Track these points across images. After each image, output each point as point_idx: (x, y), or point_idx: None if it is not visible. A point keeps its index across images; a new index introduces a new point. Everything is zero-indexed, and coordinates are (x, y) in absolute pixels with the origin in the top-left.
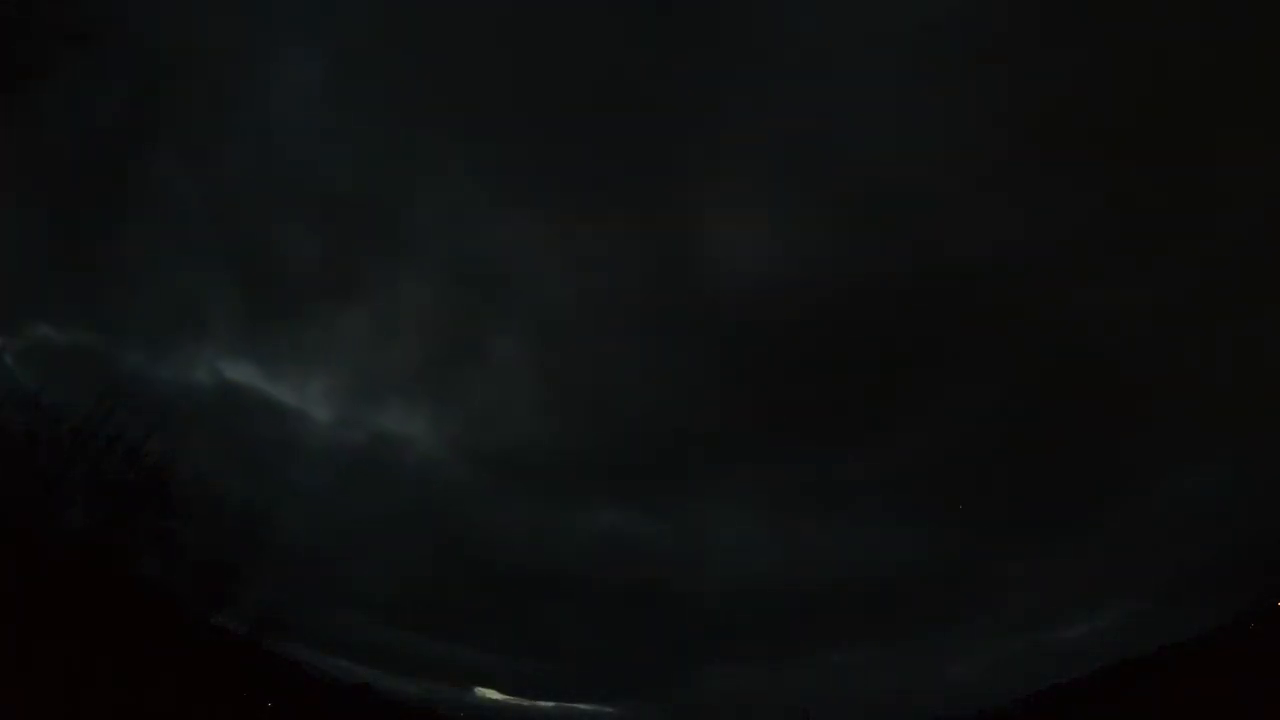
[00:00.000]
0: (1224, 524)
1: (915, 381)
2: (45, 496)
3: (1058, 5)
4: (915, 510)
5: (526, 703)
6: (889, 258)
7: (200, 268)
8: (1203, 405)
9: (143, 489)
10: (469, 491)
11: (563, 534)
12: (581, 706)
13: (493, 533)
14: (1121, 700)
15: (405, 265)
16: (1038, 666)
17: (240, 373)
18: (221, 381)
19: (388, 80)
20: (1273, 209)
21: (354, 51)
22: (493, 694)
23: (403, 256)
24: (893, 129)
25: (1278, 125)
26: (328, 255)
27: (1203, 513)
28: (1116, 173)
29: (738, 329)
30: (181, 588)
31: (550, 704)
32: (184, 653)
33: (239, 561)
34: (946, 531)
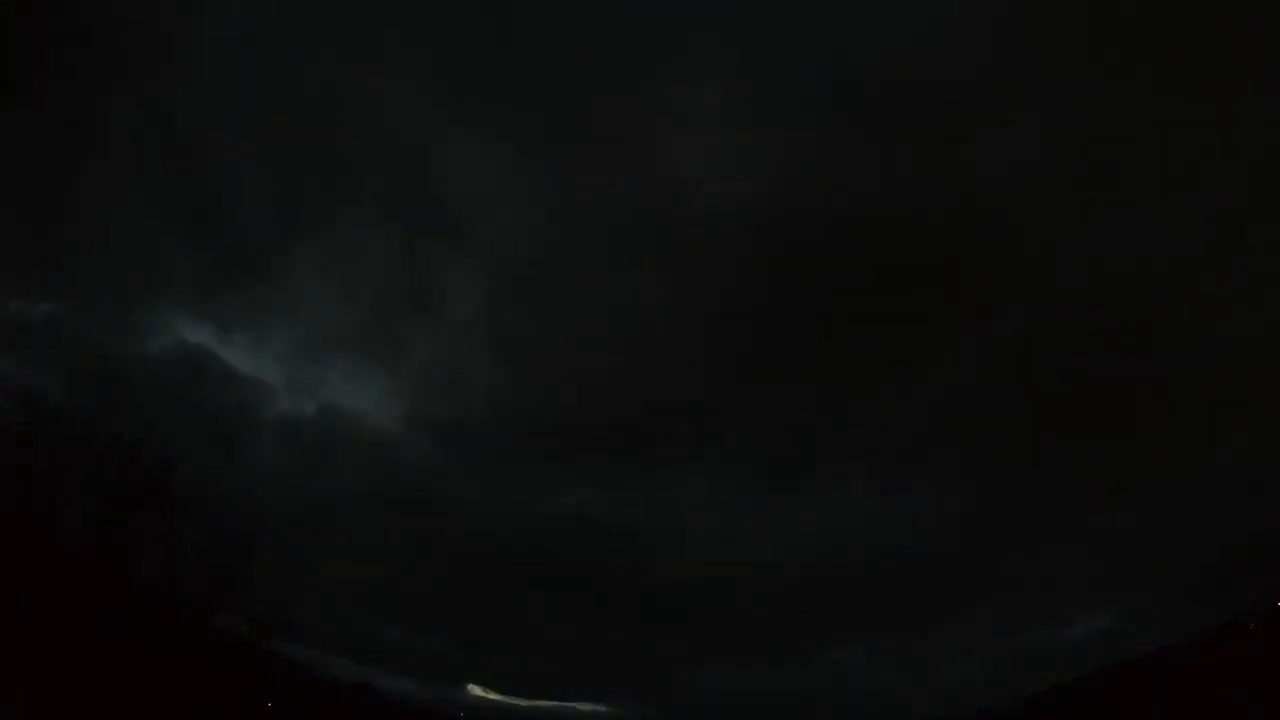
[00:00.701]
0: (1224, 524)
1: (909, 337)
2: (45, 496)
3: None
4: (906, 496)
5: (525, 703)
6: (884, 173)
7: (154, 219)
8: (1203, 406)
9: (143, 489)
10: (429, 469)
11: (532, 516)
12: (580, 706)
13: (460, 515)
14: (1121, 700)
15: (356, 203)
16: (1038, 666)
17: (199, 337)
18: (180, 349)
19: (334, 8)
20: None
21: None
22: (492, 695)
23: (354, 191)
24: (888, 17)
25: None
26: (277, 194)
27: (1203, 512)
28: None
29: (714, 266)
30: (181, 588)
31: (549, 703)
32: (184, 653)
33: (238, 561)
34: (942, 522)
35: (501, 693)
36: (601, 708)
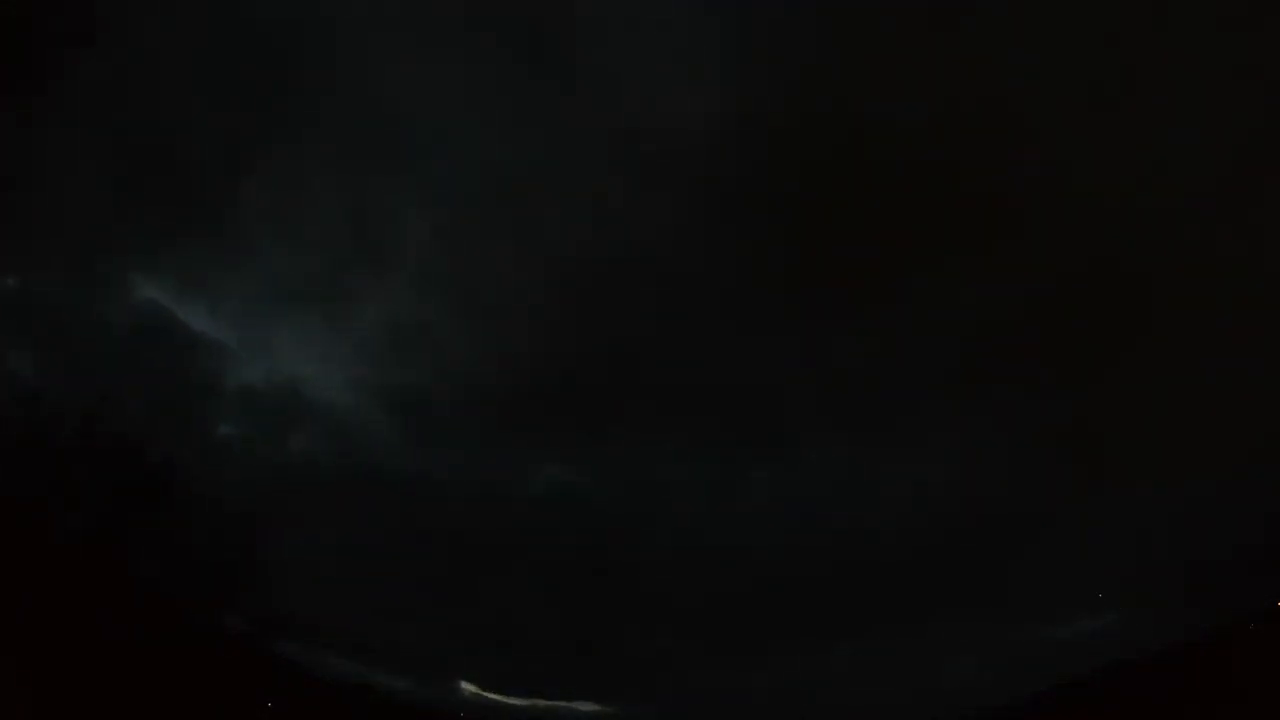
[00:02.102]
0: (1224, 523)
1: (904, 280)
2: (45, 496)
3: None
4: (897, 471)
5: (524, 702)
6: (872, 75)
7: (104, 173)
8: (1201, 403)
9: (143, 489)
10: (389, 443)
11: (504, 498)
12: (581, 706)
13: (427, 496)
14: (1121, 700)
15: (306, 134)
16: (1038, 666)
17: (157, 297)
18: (140, 312)
19: None
20: None
21: None
22: (489, 694)
23: (303, 123)
24: None
25: None
26: (225, 134)
27: (1203, 511)
28: None
29: (689, 202)
30: (181, 588)
31: (546, 702)
32: (184, 653)
33: (239, 559)
34: (938, 508)
35: (499, 692)
36: (600, 707)
